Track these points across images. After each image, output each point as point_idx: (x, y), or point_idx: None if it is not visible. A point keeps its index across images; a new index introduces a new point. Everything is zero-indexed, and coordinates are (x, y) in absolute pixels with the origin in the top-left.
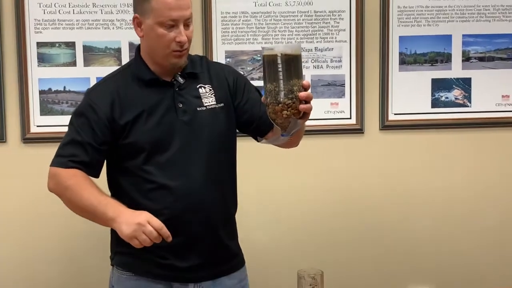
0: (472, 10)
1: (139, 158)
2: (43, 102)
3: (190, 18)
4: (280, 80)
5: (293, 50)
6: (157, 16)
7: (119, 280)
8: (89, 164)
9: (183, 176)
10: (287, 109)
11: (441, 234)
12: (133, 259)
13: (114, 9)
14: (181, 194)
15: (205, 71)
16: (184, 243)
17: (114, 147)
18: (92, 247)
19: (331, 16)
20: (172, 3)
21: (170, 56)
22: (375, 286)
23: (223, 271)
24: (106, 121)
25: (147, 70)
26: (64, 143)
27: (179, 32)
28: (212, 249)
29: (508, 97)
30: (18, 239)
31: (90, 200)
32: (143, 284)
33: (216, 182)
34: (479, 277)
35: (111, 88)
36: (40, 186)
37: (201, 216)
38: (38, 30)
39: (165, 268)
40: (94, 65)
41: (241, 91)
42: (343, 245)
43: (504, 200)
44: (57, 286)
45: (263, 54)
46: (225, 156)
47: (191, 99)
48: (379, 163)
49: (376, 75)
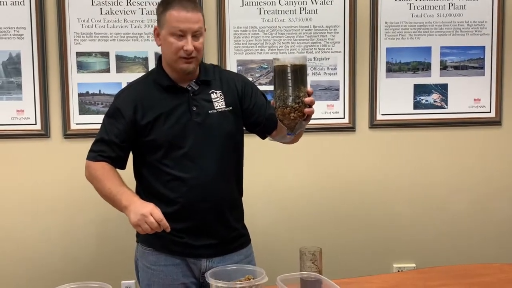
0: (449, 25)
1: (159, 153)
2: (81, 103)
3: (199, 31)
4: (289, 87)
5: (301, 61)
6: (169, 27)
7: (143, 254)
8: (115, 159)
9: (196, 169)
10: (294, 112)
11: (422, 218)
12: (154, 238)
13: (142, 24)
14: (194, 185)
15: (217, 78)
16: (196, 226)
17: (138, 143)
18: (121, 228)
19: (328, 30)
20: (180, 17)
21: (179, 62)
22: (365, 263)
23: (231, 249)
24: (130, 122)
25: (166, 77)
26: (96, 140)
27: (186, 42)
28: (221, 231)
29: (480, 100)
30: (59, 224)
31: (110, 189)
32: (162, 258)
33: (225, 175)
34: (454, 254)
35: (135, 93)
36: (79, 176)
37: (211, 203)
38: (77, 41)
39: (181, 246)
40: (125, 72)
41: (248, 96)
42: (337, 228)
43: (475, 188)
44: (94, 260)
45: (275, 64)
46: (233, 153)
47: (203, 103)
48: (368, 157)
49: (366, 81)
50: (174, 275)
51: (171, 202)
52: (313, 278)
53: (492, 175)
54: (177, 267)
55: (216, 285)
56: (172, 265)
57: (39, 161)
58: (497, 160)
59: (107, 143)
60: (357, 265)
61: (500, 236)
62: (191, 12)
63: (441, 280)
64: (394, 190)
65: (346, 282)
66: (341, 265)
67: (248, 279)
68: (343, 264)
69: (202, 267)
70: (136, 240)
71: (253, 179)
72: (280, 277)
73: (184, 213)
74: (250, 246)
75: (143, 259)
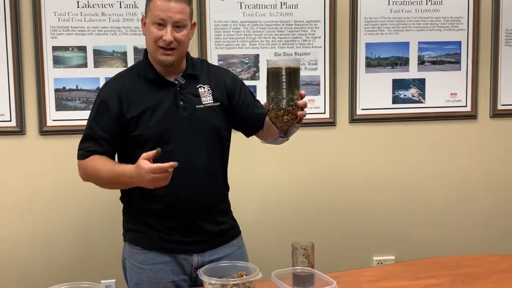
0: (427, 21)
1: (145, 149)
2: (58, 99)
3: (180, 22)
4: (283, 90)
5: (295, 64)
6: (151, 16)
7: (131, 254)
8: (103, 154)
9: (183, 166)
10: (287, 115)
11: (400, 211)
12: (142, 236)
13: (120, 18)
14: (180, 180)
15: (204, 73)
16: (185, 221)
17: (124, 138)
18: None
19: (309, 25)
20: (162, 6)
21: (157, 53)
22: (345, 257)
23: (222, 242)
24: (116, 115)
25: (152, 69)
26: (83, 138)
27: (166, 32)
28: (209, 226)
29: (456, 95)
30: (35, 223)
31: (108, 178)
32: (150, 256)
33: (211, 170)
34: (433, 246)
35: (120, 85)
36: (55, 173)
37: (198, 198)
38: (53, 35)
39: (170, 243)
40: (103, 66)
41: (237, 93)
42: (316, 222)
43: (453, 180)
44: (73, 259)
45: (269, 66)
46: (219, 148)
47: (191, 98)
48: (348, 150)
49: (346, 76)
50: (163, 273)
51: (158, 198)
52: (306, 273)
53: (469, 167)
54: (167, 265)
55: (209, 282)
56: (162, 263)
57: (14, 159)
58: (473, 152)
59: (94, 139)
60: (337, 258)
61: (478, 227)
62: (175, 2)
63: (429, 272)
64: (374, 183)
65: (336, 276)
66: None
67: (241, 276)
68: (323, 258)
69: (193, 263)
70: (123, 239)
71: (236, 175)
72: (274, 272)
73: (172, 209)
74: (240, 237)
75: (131, 258)
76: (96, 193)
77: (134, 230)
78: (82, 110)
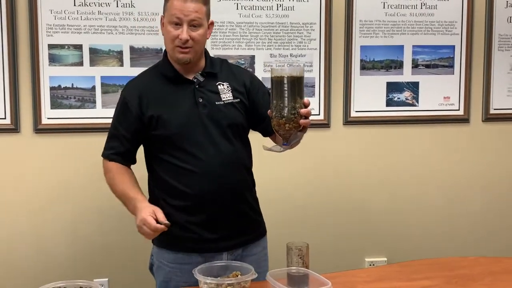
0: (421, 25)
1: (166, 146)
2: (53, 97)
3: (196, 21)
4: (285, 98)
5: (298, 73)
6: (168, 16)
7: (159, 252)
8: (124, 154)
9: (205, 161)
10: (289, 123)
11: (392, 213)
12: (169, 239)
13: (117, 17)
14: (203, 176)
15: (224, 71)
16: (210, 217)
17: (146, 137)
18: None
19: (304, 27)
20: (178, 5)
21: (175, 51)
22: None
23: (250, 239)
24: (136, 115)
25: (171, 68)
26: (108, 136)
27: (182, 31)
28: (237, 221)
29: (449, 98)
30: (29, 221)
31: (119, 195)
32: (179, 256)
33: (234, 165)
34: (423, 248)
35: (140, 85)
36: (50, 171)
37: (223, 193)
38: (49, 33)
39: (199, 242)
40: (98, 65)
41: (255, 91)
42: (309, 223)
43: (445, 182)
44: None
45: (272, 75)
46: (241, 143)
47: (210, 95)
48: (342, 152)
49: (341, 78)
50: (191, 273)
51: (183, 195)
52: (301, 273)
53: (461, 170)
54: (195, 266)
55: (204, 281)
56: (190, 264)
57: (8, 157)
58: (465, 155)
59: (117, 138)
60: (329, 259)
61: (470, 229)
62: (190, 1)
63: (423, 273)
64: (367, 185)
65: (330, 277)
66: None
67: (235, 276)
68: (316, 258)
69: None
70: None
71: None
72: (270, 272)
73: (197, 206)
74: (266, 236)
75: (159, 256)
76: (90, 192)
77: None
78: (77, 109)
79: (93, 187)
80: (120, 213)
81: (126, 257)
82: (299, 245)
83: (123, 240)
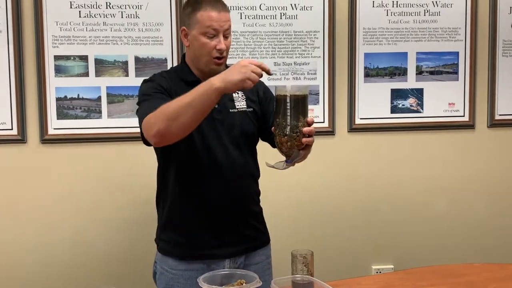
0: (424, 31)
1: (181, 148)
2: (59, 108)
3: (228, 30)
4: (288, 116)
5: (301, 91)
6: (201, 27)
7: (162, 259)
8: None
9: (216, 166)
10: (291, 141)
11: (398, 220)
12: (173, 247)
13: (122, 28)
14: (213, 182)
15: None
16: (216, 223)
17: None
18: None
19: (308, 36)
20: (214, 16)
21: (211, 63)
22: (344, 265)
23: (252, 247)
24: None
25: (191, 73)
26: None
27: (219, 41)
28: (240, 229)
29: (454, 105)
30: (36, 231)
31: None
32: (183, 263)
33: (244, 173)
34: (430, 255)
35: (166, 79)
36: (56, 181)
37: (229, 201)
38: (55, 45)
39: (202, 249)
40: (104, 76)
41: (267, 102)
42: (315, 230)
43: (451, 189)
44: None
45: (276, 93)
46: (251, 151)
47: (225, 102)
48: (347, 159)
49: (345, 86)
50: (194, 280)
51: (194, 199)
52: (306, 281)
53: (467, 176)
54: (198, 273)
55: None
56: (193, 270)
57: (15, 167)
58: (471, 162)
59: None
60: (335, 267)
61: (476, 236)
62: (222, 12)
63: (428, 280)
64: (372, 192)
65: (335, 285)
66: (320, 268)
67: (240, 284)
68: (322, 266)
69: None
70: (157, 247)
71: None
72: (274, 280)
73: (204, 213)
74: (269, 245)
75: (162, 263)
76: (97, 201)
77: (165, 240)
78: (83, 119)
79: (99, 196)
80: (127, 222)
81: (134, 265)
82: (303, 253)
83: (130, 249)
